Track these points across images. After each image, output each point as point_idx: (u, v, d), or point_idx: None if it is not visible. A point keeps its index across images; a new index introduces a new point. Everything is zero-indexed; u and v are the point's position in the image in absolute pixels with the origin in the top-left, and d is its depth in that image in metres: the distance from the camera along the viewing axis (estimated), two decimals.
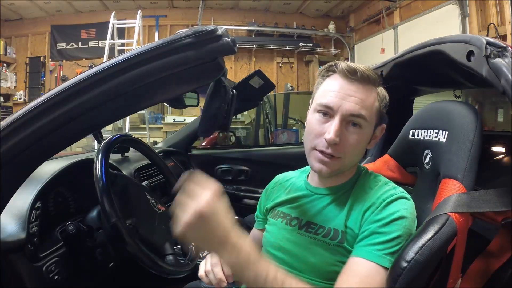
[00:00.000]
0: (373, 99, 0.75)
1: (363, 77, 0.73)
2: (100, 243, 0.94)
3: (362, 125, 0.74)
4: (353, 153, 0.76)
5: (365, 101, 0.74)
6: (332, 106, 0.73)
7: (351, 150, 0.74)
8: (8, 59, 5.46)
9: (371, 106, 0.75)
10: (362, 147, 0.78)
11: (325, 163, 0.74)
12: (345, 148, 0.73)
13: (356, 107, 0.72)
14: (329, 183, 0.81)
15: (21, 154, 0.62)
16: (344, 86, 0.74)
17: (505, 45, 0.62)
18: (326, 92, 0.75)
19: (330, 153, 0.73)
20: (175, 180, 1.24)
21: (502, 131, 2.22)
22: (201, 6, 5.23)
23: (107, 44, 4.55)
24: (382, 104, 0.78)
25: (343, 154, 0.74)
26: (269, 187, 0.96)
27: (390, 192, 0.74)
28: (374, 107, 0.75)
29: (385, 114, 0.80)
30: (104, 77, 0.62)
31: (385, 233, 0.68)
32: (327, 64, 0.79)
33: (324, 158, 0.74)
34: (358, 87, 0.74)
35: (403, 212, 0.70)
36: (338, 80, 0.75)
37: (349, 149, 0.74)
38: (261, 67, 5.54)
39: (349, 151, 0.74)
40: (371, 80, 0.75)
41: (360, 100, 0.73)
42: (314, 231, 0.77)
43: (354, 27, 5.67)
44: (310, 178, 0.86)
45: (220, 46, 0.63)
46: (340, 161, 0.75)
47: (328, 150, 0.73)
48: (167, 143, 2.12)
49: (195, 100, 1.26)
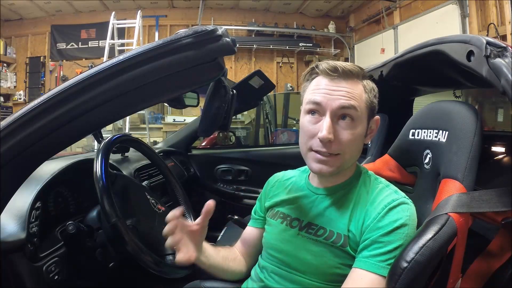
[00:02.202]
0: (360, 91, 0.75)
1: (345, 72, 0.74)
2: (100, 243, 0.93)
3: (353, 117, 0.73)
4: (351, 147, 0.75)
5: (352, 92, 0.74)
6: (320, 101, 0.73)
7: (348, 144, 0.73)
8: (8, 59, 5.46)
9: (359, 96, 0.74)
10: (359, 141, 0.76)
11: (324, 162, 0.74)
12: (341, 144, 0.73)
13: (344, 98, 0.72)
14: (330, 182, 0.81)
15: (21, 154, 0.62)
16: (328, 84, 0.74)
17: (505, 45, 0.62)
18: (312, 93, 0.76)
19: (327, 152, 0.73)
20: (175, 180, 1.24)
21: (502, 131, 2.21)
22: (201, 6, 5.23)
23: (107, 44, 4.55)
24: (371, 95, 0.78)
25: (341, 150, 0.73)
26: (268, 185, 0.95)
27: (391, 197, 0.73)
28: (363, 98, 0.75)
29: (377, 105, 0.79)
30: (104, 77, 0.62)
31: (387, 243, 0.68)
32: (309, 67, 0.80)
33: (321, 157, 0.73)
34: (343, 83, 0.74)
35: (405, 219, 0.70)
36: (322, 80, 0.75)
37: (345, 144, 0.73)
38: (261, 67, 5.55)
39: (346, 146, 0.73)
40: (354, 74, 0.75)
41: (346, 92, 0.73)
42: (314, 232, 0.77)
43: (354, 27, 5.67)
44: (311, 178, 0.86)
45: (220, 46, 0.63)
46: (340, 158, 0.74)
47: (323, 149, 0.72)
48: (167, 143, 2.12)
49: (195, 100, 1.26)
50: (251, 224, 0.97)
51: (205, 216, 0.77)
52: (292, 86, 5.70)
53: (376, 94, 0.79)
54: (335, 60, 0.79)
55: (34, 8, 5.21)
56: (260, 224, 0.93)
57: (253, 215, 0.97)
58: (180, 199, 1.21)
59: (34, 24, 5.55)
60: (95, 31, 5.51)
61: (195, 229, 0.77)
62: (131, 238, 0.84)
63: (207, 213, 0.76)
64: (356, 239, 0.73)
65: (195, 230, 0.77)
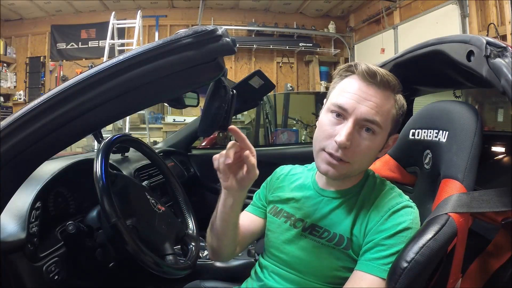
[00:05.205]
0: (390, 106, 0.73)
1: (383, 82, 0.71)
2: (100, 243, 0.93)
3: (375, 132, 0.71)
4: (363, 159, 0.73)
5: (382, 107, 0.71)
6: (347, 108, 0.70)
7: (361, 156, 0.72)
8: (8, 59, 5.45)
9: (387, 112, 0.72)
10: (372, 155, 0.75)
11: (333, 166, 0.72)
12: (355, 154, 0.71)
13: (372, 111, 0.70)
14: (337, 186, 0.79)
15: (21, 154, 0.62)
16: (361, 89, 0.71)
17: (505, 45, 0.62)
18: (342, 93, 0.73)
19: (339, 157, 0.71)
20: (175, 180, 1.24)
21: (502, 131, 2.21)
22: (201, 6, 5.22)
23: (107, 44, 4.54)
24: (399, 112, 0.75)
25: (352, 159, 0.71)
26: (273, 177, 0.93)
27: (395, 200, 0.73)
28: (390, 114, 0.73)
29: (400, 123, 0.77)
30: (104, 77, 0.62)
31: (389, 246, 0.67)
32: (347, 64, 0.76)
33: (332, 160, 0.72)
34: (376, 92, 0.71)
35: (408, 223, 0.69)
36: (356, 82, 0.72)
37: (359, 155, 0.71)
38: (261, 67, 5.54)
39: (359, 157, 0.72)
40: (390, 86, 0.72)
41: (376, 105, 0.70)
42: (319, 235, 0.76)
43: (354, 27, 5.66)
44: (318, 177, 0.84)
45: (220, 46, 0.63)
46: (348, 166, 0.72)
47: (337, 153, 0.71)
48: (167, 143, 2.12)
49: (195, 100, 1.26)
50: (252, 211, 0.92)
51: (240, 138, 0.67)
52: (292, 86, 5.70)
53: (404, 112, 0.77)
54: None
55: (34, 8, 5.21)
56: (262, 214, 0.91)
57: (255, 201, 0.94)
58: (180, 199, 1.21)
59: (34, 24, 5.54)
60: (95, 31, 5.50)
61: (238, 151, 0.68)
62: (131, 238, 0.84)
63: (238, 135, 0.68)
64: (359, 242, 0.72)
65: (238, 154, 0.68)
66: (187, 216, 1.17)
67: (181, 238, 1.07)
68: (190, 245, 1.07)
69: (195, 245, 1.08)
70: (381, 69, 0.73)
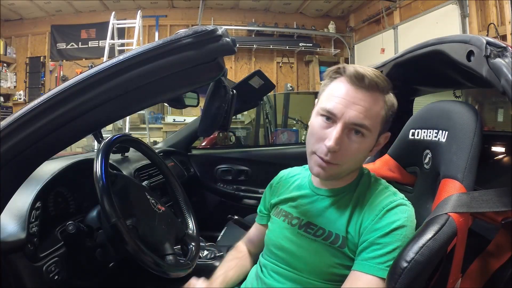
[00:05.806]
0: (379, 108, 0.73)
1: (371, 85, 0.71)
2: (100, 243, 0.93)
3: (364, 134, 0.72)
4: (352, 160, 0.75)
5: (370, 110, 0.71)
6: (335, 113, 0.71)
7: (350, 157, 0.73)
8: (8, 59, 5.45)
9: (376, 115, 0.73)
10: (362, 155, 0.77)
11: (323, 168, 0.74)
12: (344, 156, 0.72)
13: (360, 116, 0.70)
14: (331, 184, 0.81)
15: (21, 154, 0.62)
16: (349, 93, 0.71)
17: (505, 45, 0.62)
18: (330, 97, 0.74)
19: (328, 160, 0.72)
20: (175, 180, 1.24)
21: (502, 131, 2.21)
22: (201, 6, 5.22)
23: (107, 44, 4.54)
24: (389, 113, 0.76)
25: (341, 161, 0.73)
26: (273, 182, 0.95)
27: (390, 198, 0.73)
28: (379, 116, 0.73)
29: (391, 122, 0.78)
30: (104, 77, 0.62)
31: (385, 245, 0.68)
32: (336, 65, 0.77)
33: (322, 163, 0.73)
34: (365, 95, 0.71)
35: (403, 221, 0.69)
36: (344, 85, 0.73)
37: (348, 157, 0.73)
38: (261, 67, 5.54)
39: (348, 158, 0.73)
40: (379, 88, 0.72)
41: (365, 109, 0.71)
42: (313, 232, 0.77)
43: (354, 27, 5.66)
44: (313, 177, 0.85)
45: (220, 46, 0.63)
46: (338, 168, 0.74)
47: (326, 157, 0.72)
48: (167, 143, 2.12)
49: (195, 100, 1.26)
50: (259, 221, 0.98)
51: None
52: (292, 86, 5.70)
53: (395, 111, 0.77)
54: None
55: (34, 8, 5.21)
56: (265, 221, 0.94)
57: (261, 209, 0.98)
58: (180, 199, 1.21)
59: (34, 24, 5.54)
60: (95, 31, 5.50)
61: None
62: (131, 238, 0.84)
63: None
64: (354, 240, 0.73)
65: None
66: (187, 216, 1.17)
67: (181, 238, 1.07)
68: (190, 245, 1.07)
69: (195, 245, 1.08)
70: (370, 70, 0.73)
